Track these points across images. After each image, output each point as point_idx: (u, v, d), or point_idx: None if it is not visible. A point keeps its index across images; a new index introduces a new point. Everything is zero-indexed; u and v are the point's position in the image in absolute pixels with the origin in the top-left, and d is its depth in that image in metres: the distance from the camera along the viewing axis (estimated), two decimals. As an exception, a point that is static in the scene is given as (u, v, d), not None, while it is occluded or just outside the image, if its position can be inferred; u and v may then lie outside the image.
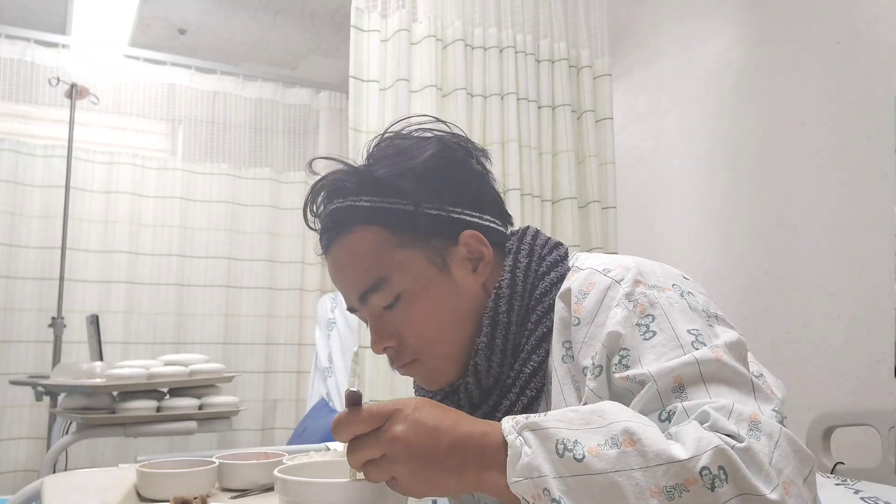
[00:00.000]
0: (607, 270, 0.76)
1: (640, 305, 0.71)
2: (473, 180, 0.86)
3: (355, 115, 1.84)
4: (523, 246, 0.85)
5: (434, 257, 0.82)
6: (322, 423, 2.62)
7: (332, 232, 0.84)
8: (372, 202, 0.82)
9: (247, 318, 3.55)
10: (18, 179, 3.17)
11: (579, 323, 0.75)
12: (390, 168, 0.82)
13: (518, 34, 2.09)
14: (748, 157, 2.22)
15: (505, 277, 0.82)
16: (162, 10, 3.59)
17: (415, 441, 0.61)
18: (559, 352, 0.78)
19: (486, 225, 0.85)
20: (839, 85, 1.94)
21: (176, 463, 1.06)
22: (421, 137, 0.85)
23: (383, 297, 0.82)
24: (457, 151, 0.85)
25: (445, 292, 0.82)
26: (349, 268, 0.83)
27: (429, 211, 0.81)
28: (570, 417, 0.60)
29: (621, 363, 0.68)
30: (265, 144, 3.76)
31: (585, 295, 0.75)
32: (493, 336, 0.81)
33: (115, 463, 2.79)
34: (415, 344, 0.82)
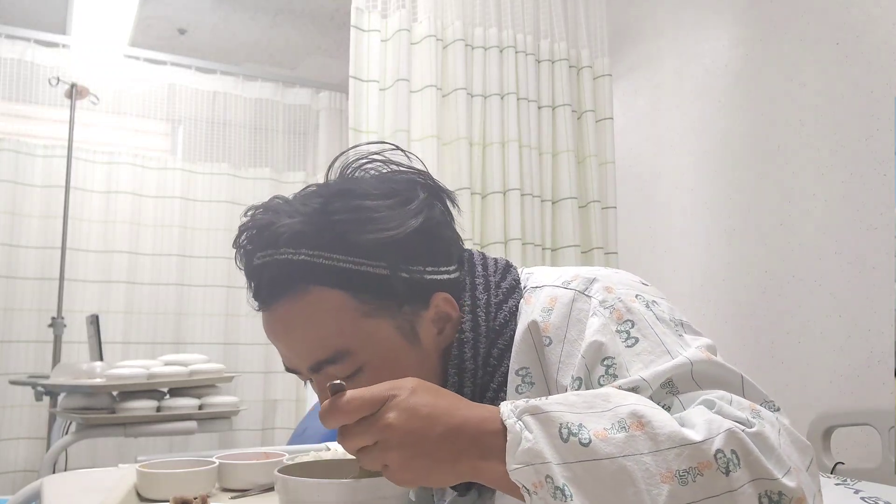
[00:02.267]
0: (566, 283, 0.73)
1: (616, 311, 0.68)
2: (445, 233, 0.78)
3: (355, 115, 1.84)
4: (477, 280, 0.78)
5: (403, 326, 0.74)
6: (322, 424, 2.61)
7: (277, 288, 0.73)
8: (335, 262, 0.71)
9: (247, 318, 3.55)
10: (18, 179, 3.17)
11: (550, 342, 0.71)
12: (364, 232, 0.72)
13: (518, 34, 2.09)
14: (748, 157, 2.22)
15: (466, 319, 0.75)
16: (162, 10, 3.59)
17: (407, 428, 0.57)
18: (513, 382, 0.73)
19: (452, 278, 0.77)
20: (839, 85, 1.94)
21: (176, 463, 1.06)
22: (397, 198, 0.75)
23: (342, 370, 0.73)
24: (434, 211, 0.76)
25: (412, 363, 0.74)
26: (301, 334, 0.73)
27: (404, 276, 0.73)
28: (573, 401, 0.57)
29: (608, 373, 0.65)
30: (265, 144, 3.76)
31: (550, 311, 0.72)
32: (461, 385, 0.75)
33: (115, 463, 2.79)
34: None
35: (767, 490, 0.52)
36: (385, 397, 0.59)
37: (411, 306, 0.74)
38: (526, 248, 1.96)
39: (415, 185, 0.77)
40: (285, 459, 1.07)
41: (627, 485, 0.52)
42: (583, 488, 0.53)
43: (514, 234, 1.94)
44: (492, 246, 1.93)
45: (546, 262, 2.02)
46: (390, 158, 0.79)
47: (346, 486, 0.68)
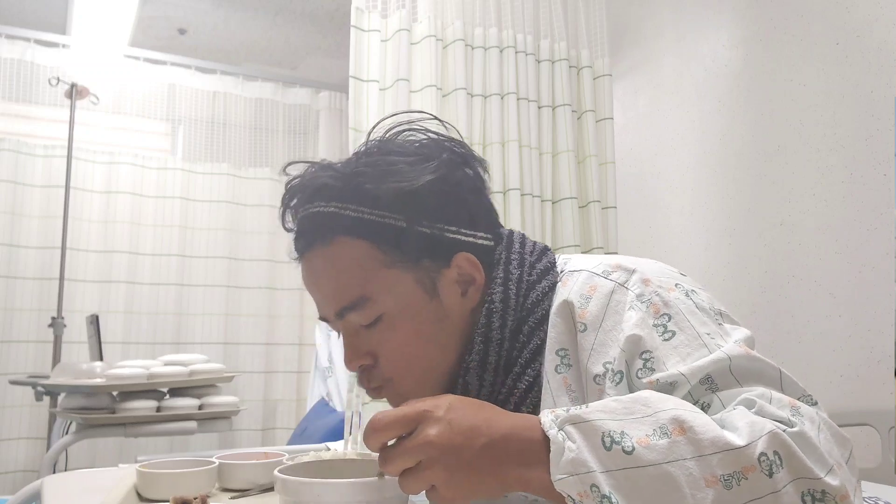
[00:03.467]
0: (607, 273, 0.74)
1: (653, 305, 0.69)
2: (469, 197, 0.80)
3: (355, 115, 1.84)
4: (513, 255, 0.80)
5: (424, 280, 0.76)
6: (322, 423, 2.62)
7: (310, 237, 0.77)
8: (360, 213, 0.75)
9: (247, 318, 3.55)
10: (18, 179, 3.17)
11: (585, 329, 0.71)
12: (383, 183, 0.75)
13: (518, 34, 2.09)
14: (748, 156, 2.22)
15: (497, 290, 0.77)
16: (162, 10, 3.59)
17: (450, 444, 0.56)
18: (552, 361, 0.74)
19: (479, 244, 0.79)
20: (839, 85, 1.94)
21: (176, 463, 1.06)
22: (420, 156, 0.78)
23: (363, 317, 0.76)
24: (456, 171, 0.79)
25: (430, 318, 0.77)
26: (328, 280, 0.77)
27: (422, 230, 0.76)
28: (613, 408, 0.57)
29: (646, 367, 0.66)
30: (265, 144, 3.76)
31: (588, 299, 0.72)
32: (485, 353, 0.76)
33: (115, 463, 2.79)
34: (390, 368, 0.77)
35: (810, 489, 0.53)
36: (421, 413, 0.58)
37: (432, 262, 0.76)
38: (526, 248, 1.96)
39: (441, 148, 0.80)
40: (285, 459, 1.07)
41: (672, 490, 0.52)
42: (628, 496, 0.53)
43: (514, 234, 1.94)
44: (492, 246, 1.93)
45: (546, 262, 2.02)
46: (426, 127, 0.81)
47: (346, 486, 0.68)
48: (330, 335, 2.94)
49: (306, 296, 3.65)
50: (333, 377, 2.83)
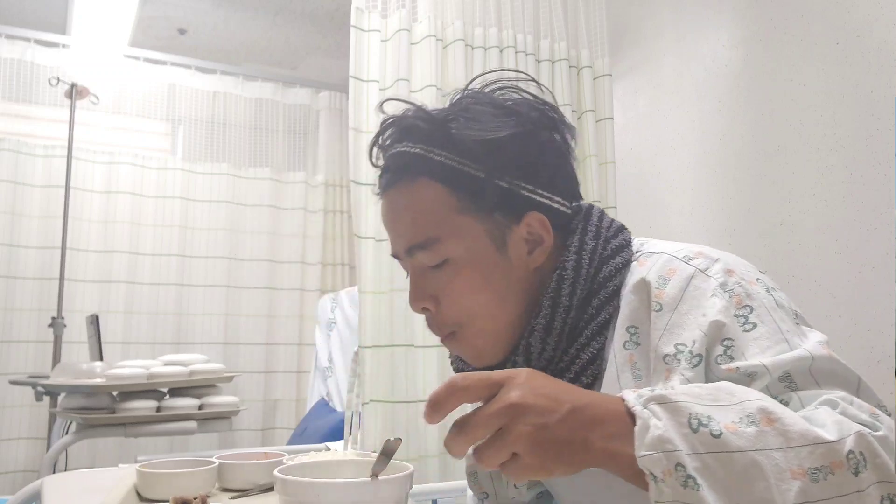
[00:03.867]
0: (688, 258, 0.74)
1: (736, 296, 0.69)
2: (551, 160, 0.81)
3: (355, 115, 1.84)
4: (590, 227, 0.81)
5: (493, 232, 0.78)
6: (322, 423, 2.62)
7: (394, 174, 0.81)
8: (443, 158, 0.78)
9: (247, 318, 3.55)
10: (18, 179, 3.17)
11: (661, 309, 0.72)
12: (468, 131, 0.77)
13: (518, 34, 2.09)
14: (748, 156, 2.22)
15: (570, 259, 0.78)
16: (162, 10, 3.59)
17: (535, 404, 0.53)
18: (621, 337, 0.75)
19: (554, 207, 0.81)
20: (839, 85, 1.94)
21: (176, 463, 1.06)
22: (509, 111, 0.79)
23: (430, 257, 0.78)
24: (542, 133, 0.80)
25: (496, 270, 0.78)
26: (404, 217, 0.80)
27: (499, 183, 0.77)
28: (698, 392, 0.56)
29: (726, 353, 0.66)
30: (265, 144, 3.76)
31: (666, 281, 0.73)
32: (552, 318, 0.77)
33: (115, 463, 2.79)
34: (453, 314, 0.79)
35: (891, 493, 0.53)
36: (503, 377, 0.56)
37: (503, 216, 0.78)
38: (526, 248, 1.96)
39: (533, 108, 0.81)
40: (285, 459, 1.07)
41: (758, 479, 0.51)
42: (712, 479, 0.51)
43: (514, 234, 1.94)
44: (492, 246, 1.93)
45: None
46: (522, 87, 0.83)
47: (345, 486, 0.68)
48: (330, 335, 2.94)
49: (306, 296, 3.66)
50: (333, 377, 2.83)
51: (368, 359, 1.75)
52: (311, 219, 3.72)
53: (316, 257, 3.70)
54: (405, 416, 1.75)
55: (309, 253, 3.70)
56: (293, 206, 3.67)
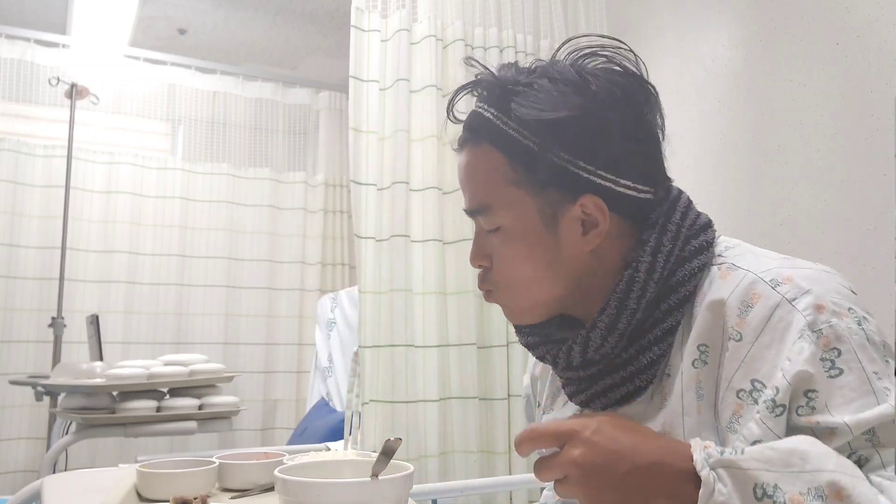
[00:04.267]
0: (775, 283, 0.69)
1: (824, 338, 0.64)
2: (620, 140, 0.76)
3: (355, 115, 1.84)
4: (670, 225, 0.77)
5: (545, 209, 0.77)
6: (322, 423, 2.62)
7: (467, 134, 0.83)
8: (505, 126, 0.77)
9: (247, 318, 3.55)
10: (18, 179, 3.17)
11: (741, 339, 0.68)
12: (526, 104, 0.76)
13: (518, 34, 2.09)
14: (748, 156, 2.22)
15: (644, 260, 0.75)
16: (162, 10, 3.59)
17: (592, 465, 0.59)
18: (691, 354, 0.72)
19: (619, 191, 0.76)
20: (839, 85, 1.94)
21: (176, 463, 1.06)
22: (575, 86, 0.76)
23: (485, 222, 0.80)
24: (609, 111, 0.76)
25: (543, 246, 0.77)
26: (468, 179, 0.82)
27: (554, 160, 0.75)
28: (769, 457, 0.56)
29: (808, 405, 0.63)
30: (265, 144, 3.76)
31: (749, 308, 0.68)
32: (617, 318, 0.75)
33: (115, 463, 2.79)
34: (499, 278, 0.81)
35: None
36: (569, 432, 0.61)
37: (557, 193, 0.76)
38: (526, 248, 1.96)
39: (610, 84, 0.77)
40: (285, 459, 1.07)
41: None
42: None
43: (514, 234, 1.94)
44: (492, 246, 1.93)
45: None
46: (614, 59, 0.80)
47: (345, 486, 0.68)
48: (330, 335, 2.94)
49: (306, 296, 3.66)
50: (333, 377, 2.83)
51: (368, 359, 1.75)
52: (311, 219, 3.72)
53: (316, 257, 3.70)
54: (405, 416, 1.75)
55: (309, 253, 3.70)
56: (293, 206, 3.67)
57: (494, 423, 1.86)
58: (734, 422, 0.67)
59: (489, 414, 1.87)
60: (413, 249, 1.83)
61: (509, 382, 1.88)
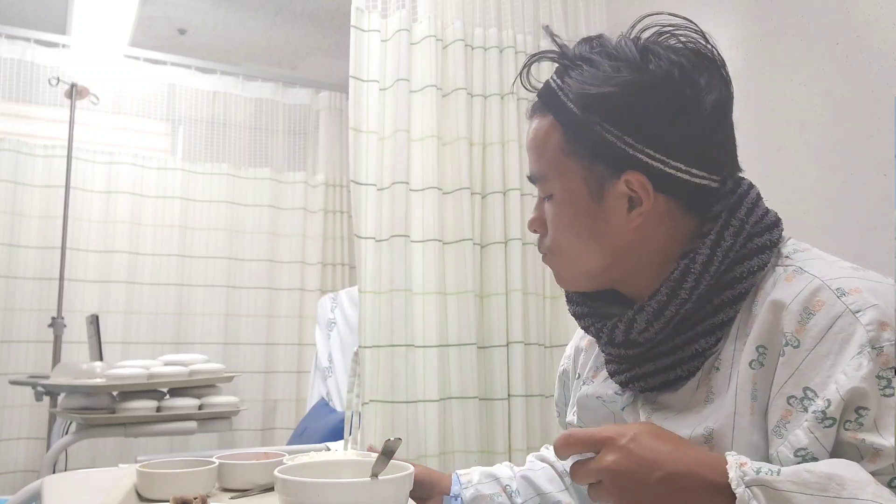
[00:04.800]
0: (841, 292, 0.67)
1: (884, 356, 0.63)
2: (674, 121, 0.76)
3: (355, 115, 1.84)
4: (734, 220, 0.76)
5: (591, 181, 0.79)
6: (322, 423, 2.62)
7: (536, 104, 0.86)
8: (565, 98, 0.80)
9: (247, 318, 3.55)
10: (18, 179, 3.17)
11: (798, 346, 0.67)
12: (580, 78, 0.78)
13: (518, 34, 2.09)
14: (748, 156, 2.22)
15: (702, 252, 0.74)
16: (162, 10, 3.59)
17: (625, 472, 0.61)
18: (749, 354, 0.71)
19: (669, 172, 0.76)
20: (839, 85, 1.94)
21: (176, 463, 1.06)
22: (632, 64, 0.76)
23: (541, 189, 0.84)
24: (661, 92, 0.76)
25: (587, 217, 0.80)
26: (531, 146, 0.85)
27: (602, 133, 0.76)
28: (806, 479, 0.57)
29: (857, 421, 0.62)
30: (265, 144, 3.76)
31: (811, 315, 0.67)
32: (666, 305, 0.75)
33: (115, 463, 2.79)
34: (549, 242, 0.85)
35: None
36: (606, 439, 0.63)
37: (603, 168, 0.78)
38: (526, 249, 1.96)
39: (670, 65, 0.77)
40: (285, 459, 1.07)
41: None
42: None
43: (513, 235, 1.94)
44: (492, 246, 1.93)
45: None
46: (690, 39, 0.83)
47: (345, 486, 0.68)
48: (330, 335, 2.94)
49: (306, 296, 3.66)
50: (333, 377, 2.83)
51: (368, 359, 1.75)
52: (311, 219, 3.72)
53: (316, 257, 3.70)
54: (405, 416, 1.75)
55: (309, 253, 3.70)
56: (293, 206, 3.67)
57: (494, 423, 1.86)
58: (781, 426, 0.66)
59: (489, 414, 1.87)
60: (413, 249, 1.83)
61: (509, 382, 1.88)
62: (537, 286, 1.96)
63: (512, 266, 1.92)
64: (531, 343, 1.91)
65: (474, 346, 1.84)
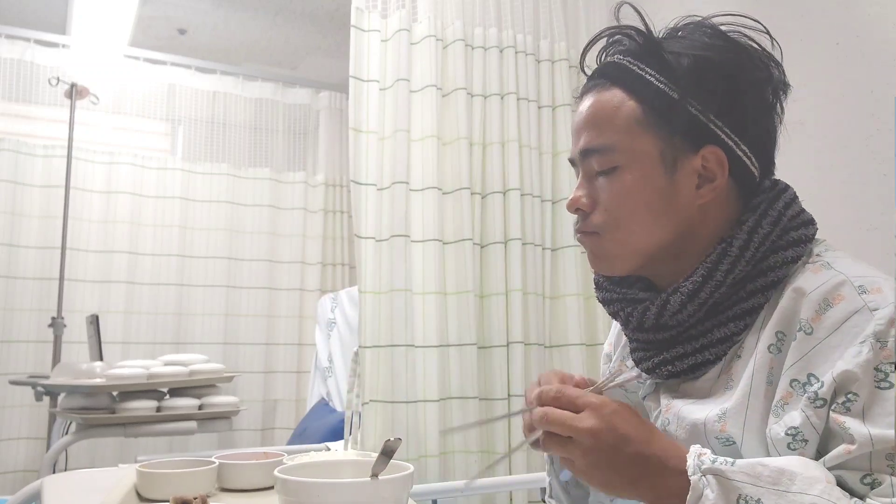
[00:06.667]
0: (863, 289, 0.68)
1: (886, 350, 0.64)
2: (754, 107, 0.81)
3: (355, 115, 1.84)
4: (771, 211, 0.79)
5: (667, 155, 0.79)
6: (322, 423, 2.62)
7: (594, 81, 0.85)
8: (643, 72, 0.80)
9: (247, 318, 3.55)
10: (18, 179, 3.17)
11: (811, 333, 0.68)
12: (681, 48, 0.79)
13: (518, 34, 2.09)
14: (748, 157, 2.22)
15: (740, 237, 0.77)
16: (162, 10, 3.59)
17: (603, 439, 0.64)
18: (769, 338, 0.72)
19: (737, 155, 0.79)
20: (839, 85, 1.94)
21: (176, 463, 1.06)
22: (726, 38, 0.81)
23: (602, 162, 0.81)
24: (751, 72, 0.81)
25: (657, 189, 0.79)
26: (589, 120, 0.83)
27: (690, 108, 0.78)
28: (759, 472, 0.61)
29: (844, 405, 0.64)
30: (265, 144, 3.76)
31: (829, 306, 0.68)
32: (701, 286, 0.76)
33: (115, 463, 2.79)
34: (602, 218, 0.81)
35: None
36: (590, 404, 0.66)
37: (683, 142, 0.78)
38: (526, 248, 1.96)
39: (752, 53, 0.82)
40: (285, 459, 1.08)
41: None
42: None
43: (514, 234, 1.94)
44: (492, 246, 1.93)
45: (546, 263, 2.02)
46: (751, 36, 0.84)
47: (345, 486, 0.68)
48: (330, 335, 2.94)
49: (306, 296, 3.66)
50: (333, 377, 2.83)
51: (368, 359, 1.75)
52: (311, 219, 3.72)
53: (316, 257, 3.70)
54: (405, 416, 1.75)
55: (309, 253, 3.70)
56: (293, 206, 3.67)
57: (494, 423, 1.86)
58: (779, 407, 0.68)
59: (489, 414, 1.87)
60: (413, 249, 1.83)
61: (509, 382, 1.88)
62: (537, 286, 1.96)
63: (512, 266, 1.92)
64: (531, 343, 1.91)
65: (474, 346, 1.84)
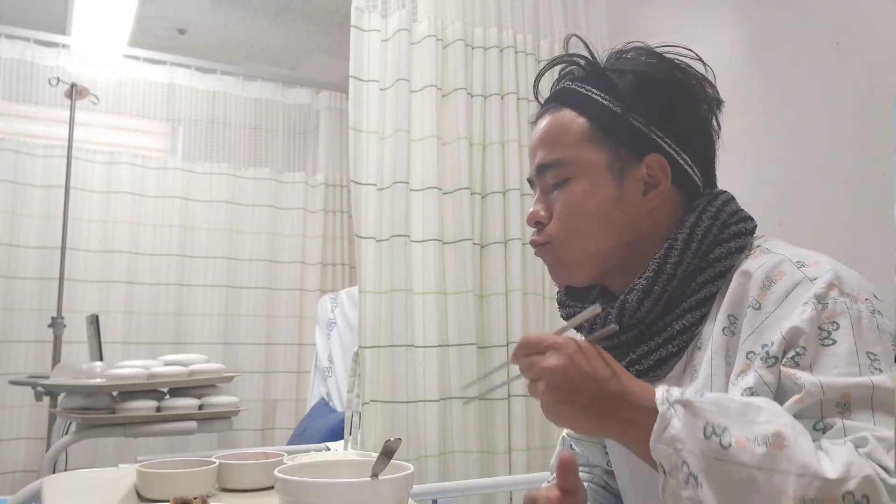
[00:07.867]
0: (801, 264, 0.74)
1: (828, 310, 0.69)
2: (691, 120, 0.87)
3: (355, 115, 1.84)
4: (710, 208, 0.85)
5: (614, 165, 0.85)
6: (322, 423, 2.62)
7: (548, 105, 0.92)
8: (590, 93, 0.87)
9: (247, 318, 3.55)
10: (18, 179, 3.17)
11: (759, 308, 0.73)
12: (624, 66, 0.86)
13: (518, 34, 2.09)
14: (747, 156, 2.22)
15: (683, 232, 0.83)
16: (162, 10, 3.59)
17: (563, 377, 0.65)
18: (722, 322, 0.77)
19: (679, 163, 0.86)
20: (839, 85, 1.94)
21: (176, 463, 1.06)
22: (664, 59, 0.88)
23: (555, 175, 0.87)
24: (692, 88, 0.88)
25: (607, 197, 0.84)
26: (543, 139, 0.89)
27: (632, 121, 0.84)
28: (726, 405, 0.62)
29: (793, 359, 0.67)
30: (265, 144, 3.76)
31: (773, 283, 0.74)
32: (653, 282, 0.81)
33: (115, 463, 2.79)
34: (558, 227, 0.87)
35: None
36: (555, 343, 0.66)
37: (627, 153, 0.85)
38: (526, 248, 1.96)
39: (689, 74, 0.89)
40: (285, 459, 1.08)
41: (752, 493, 0.57)
42: (712, 482, 0.58)
43: (513, 235, 1.94)
44: (492, 246, 1.93)
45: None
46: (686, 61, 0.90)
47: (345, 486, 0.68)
48: (330, 335, 2.94)
49: (306, 296, 3.66)
50: (333, 377, 2.83)
51: (368, 359, 1.75)
52: (311, 219, 3.72)
53: (316, 257, 3.70)
54: (405, 416, 1.75)
55: (309, 253, 3.70)
56: (293, 206, 3.67)
57: (494, 423, 1.86)
58: (738, 378, 0.71)
59: (489, 414, 1.87)
60: (413, 249, 1.83)
61: (509, 383, 1.88)
62: (537, 286, 1.96)
63: (512, 266, 1.92)
64: (531, 343, 1.90)
65: (474, 346, 1.84)
